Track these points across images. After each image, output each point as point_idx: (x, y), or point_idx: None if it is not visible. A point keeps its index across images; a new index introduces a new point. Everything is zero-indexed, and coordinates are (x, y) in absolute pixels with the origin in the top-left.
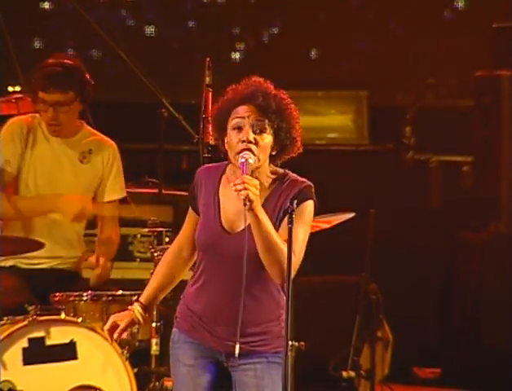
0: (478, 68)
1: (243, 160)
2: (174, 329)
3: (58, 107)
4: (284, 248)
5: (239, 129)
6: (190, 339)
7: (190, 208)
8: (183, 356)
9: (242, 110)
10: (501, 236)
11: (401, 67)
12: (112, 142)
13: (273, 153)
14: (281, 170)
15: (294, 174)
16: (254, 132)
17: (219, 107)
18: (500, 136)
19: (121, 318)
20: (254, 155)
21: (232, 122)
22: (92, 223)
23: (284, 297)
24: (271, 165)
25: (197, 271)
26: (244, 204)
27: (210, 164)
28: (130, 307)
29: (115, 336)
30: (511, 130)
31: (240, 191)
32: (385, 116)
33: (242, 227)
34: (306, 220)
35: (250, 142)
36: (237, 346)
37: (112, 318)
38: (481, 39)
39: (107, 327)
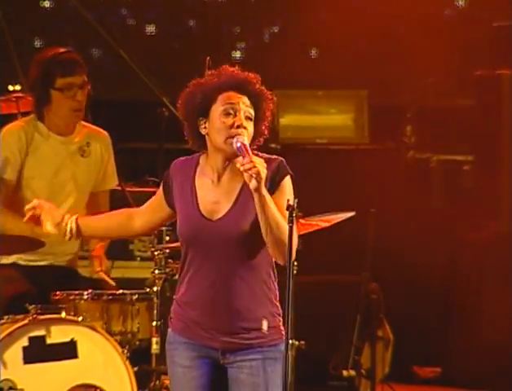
0: (478, 67)
1: (239, 144)
2: (168, 330)
3: (84, 89)
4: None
5: (229, 114)
6: (185, 339)
7: (160, 193)
8: (179, 357)
9: (234, 96)
10: (501, 235)
11: (401, 66)
12: (105, 132)
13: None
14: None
15: (263, 153)
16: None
17: (196, 94)
18: (501, 135)
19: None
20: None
21: (223, 107)
22: None
23: (275, 282)
24: None
25: (184, 267)
26: (254, 186)
27: (183, 158)
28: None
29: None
30: (511, 130)
31: (250, 169)
32: (385, 115)
33: (222, 214)
34: (289, 194)
35: (244, 127)
36: (264, 323)
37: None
38: (481, 38)
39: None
